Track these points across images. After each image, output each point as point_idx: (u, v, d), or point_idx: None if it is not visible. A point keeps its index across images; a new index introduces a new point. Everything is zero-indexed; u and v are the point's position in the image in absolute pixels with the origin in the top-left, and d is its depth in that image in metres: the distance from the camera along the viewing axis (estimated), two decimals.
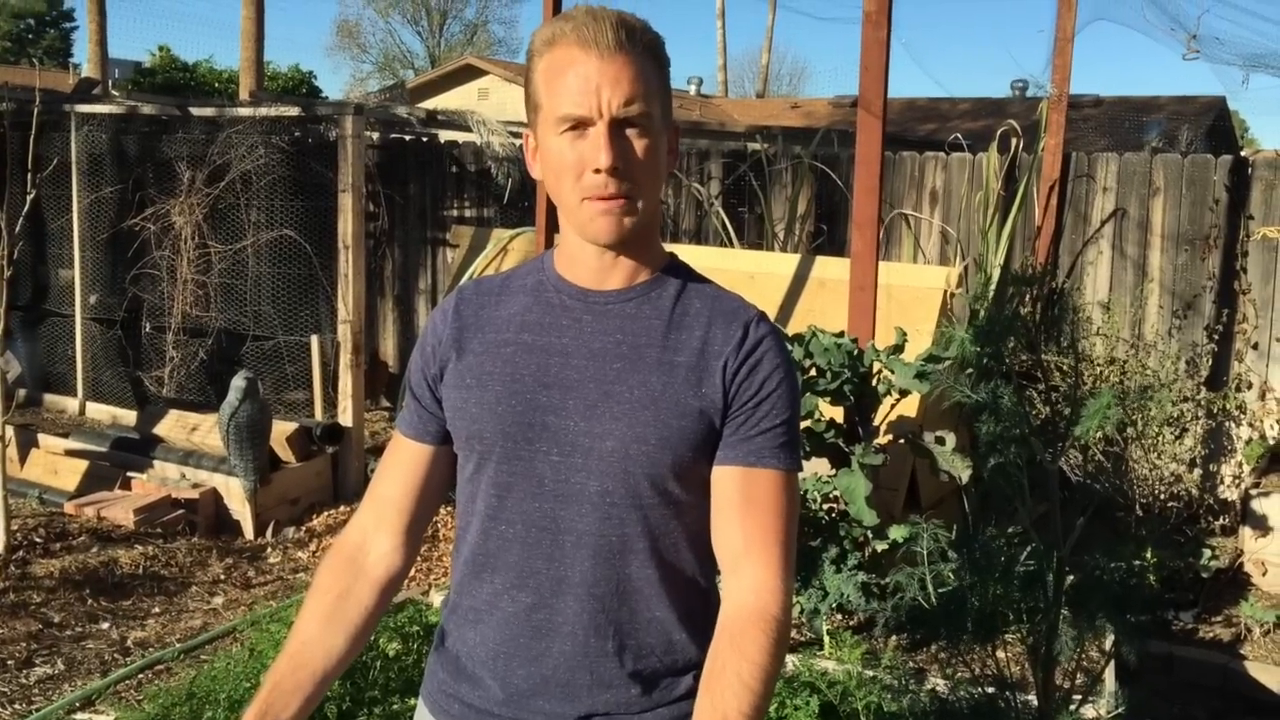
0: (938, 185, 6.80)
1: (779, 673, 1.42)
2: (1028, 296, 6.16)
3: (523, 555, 1.51)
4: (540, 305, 1.55)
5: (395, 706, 3.00)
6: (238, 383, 5.52)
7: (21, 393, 7.42)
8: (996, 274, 6.24)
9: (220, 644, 4.34)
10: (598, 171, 1.41)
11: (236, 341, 6.77)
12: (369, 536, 1.61)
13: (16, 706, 3.80)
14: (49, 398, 7.53)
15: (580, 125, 1.42)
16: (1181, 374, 6.00)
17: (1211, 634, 4.72)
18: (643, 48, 1.44)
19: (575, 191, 1.44)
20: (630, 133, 1.42)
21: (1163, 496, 5.66)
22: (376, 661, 3.08)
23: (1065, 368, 5.73)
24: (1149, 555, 4.75)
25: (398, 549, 1.61)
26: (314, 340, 6.48)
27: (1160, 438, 5.65)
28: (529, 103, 1.50)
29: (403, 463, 1.63)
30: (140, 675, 4.04)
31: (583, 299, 1.53)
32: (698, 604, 1.54)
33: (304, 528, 5.78)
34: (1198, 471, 5.83)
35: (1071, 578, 2.69)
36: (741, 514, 1.47)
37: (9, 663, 4.09)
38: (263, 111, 6.52)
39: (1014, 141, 6.55)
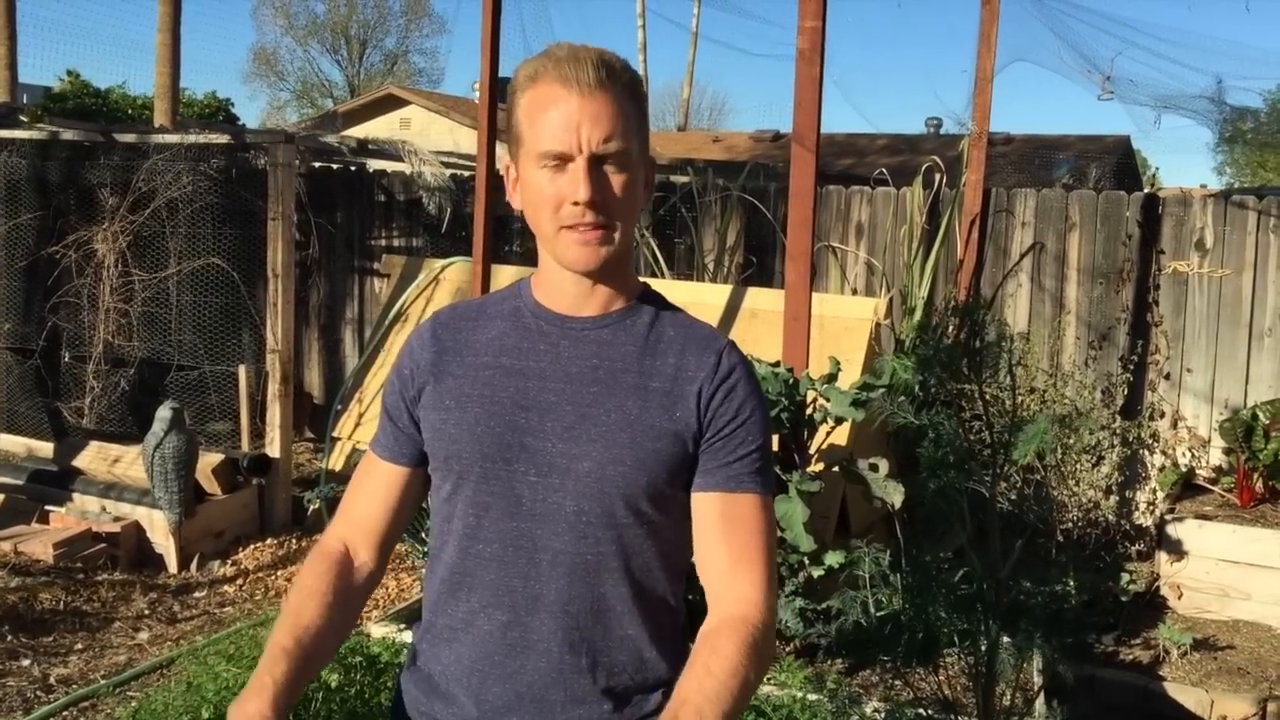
0: (863, 219, 6.95)
1: (757, 676, 1.46)
2: (950, 327, 6.31)
3: (499, 574, 1.55)
4: (518, 330, 1.59)
5: None
6: (163, 413, 5.42)
7: None
8: (921, 305, 6.39)
9: (149, 679, 4.24)
10: (576, 204, 1.47)
11: (160, 371, 6.64)
12: (350, 547, 1.64)
13: None
14: None
15: (561, 160, 1.47)
16: (1098, 403, 6.19)
17: (1131, 656, 4.86)
18: (622, 86, 1.50)
19: (554, 222, 1.50)
20: (608, 168, 1.48)
21: (1081, 522, 5.82)
22: (318, 693, 3.04)
23: (989, 396, 5.88)
24: (1071, 580, 4.89)
25: (374, 560, 1.65)
26: (241, 370, 6.39)
27: (1078, 465, 5.83)
28: (511, 135, 1.55)
29: (377, 483, 1.66)
30: (66, 712, 3.93)
31: (560, 325, 1.57)
32: (668, 622, 1.59)
33: (230, 561, 5.67)
34: (1114, 498, 6.01)
35: (1036, 604, 2.77)
36: (725, 536, 1.53)
37: None
38: (190, 139, 6.44)
39: (938, 177, 6.73)
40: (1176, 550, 5.36)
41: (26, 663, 4.36)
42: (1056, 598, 3.09)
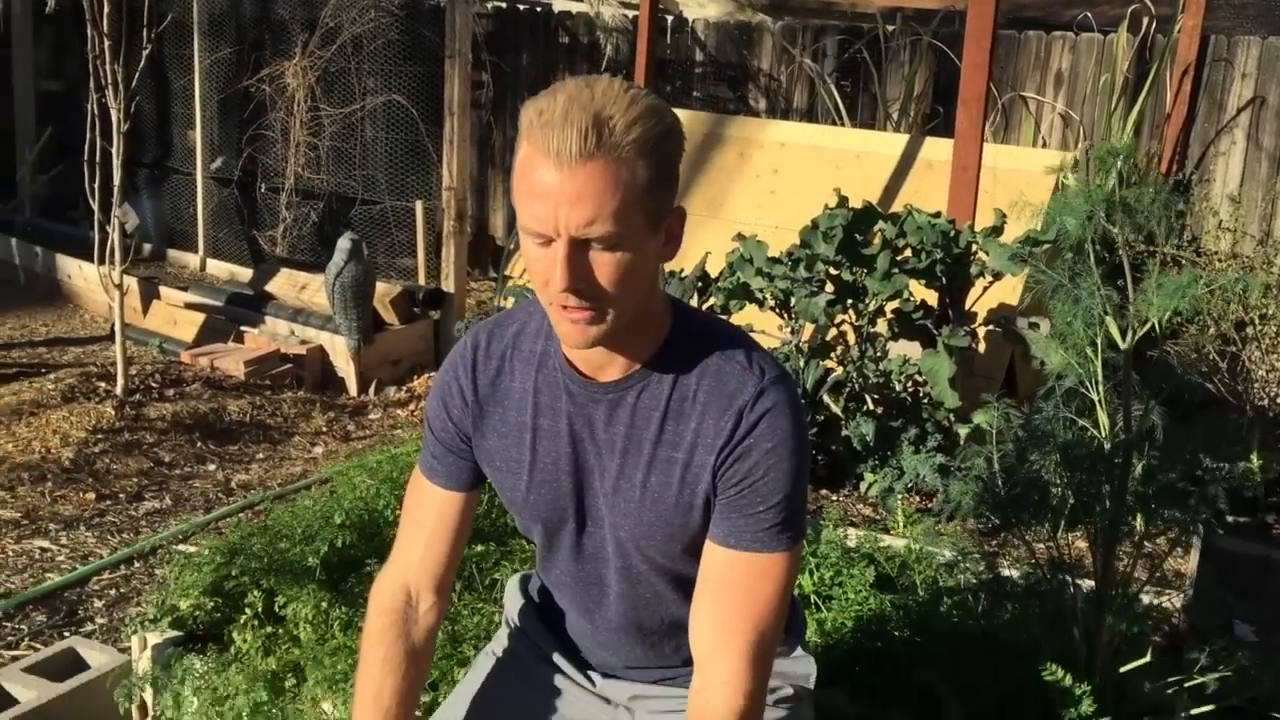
0: (1063, 67, 6.49)
1: None
2: (1149, 182, 5.89)
3: (574, 597, 1.68)
4: (549, 386, 1.55)
5: None
6: (343, 244, 5.65)
7: (148, 247, 7.71)
8: (1119, 161, 5.97)
9: (312, 491, 4.54)
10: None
11: (346, 204, 6.91)
12: (412, 592, 1.63)
13: (125, 535, 4.07)
14: (173, 253, 7.82)
15: (543, 239, 1.35)
16: None
17: None
18: (623, 149, 1.31)
19: (545, 295, 1.40)
20: (594, 249, 1.34)
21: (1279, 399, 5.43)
22: None
23: (1184, 261, 5.50)
24: (1255, 458, 4.60)
25: (439, 600, 1.64)
26: (418, 206, 6.57)
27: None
28: None
29: (440, 516, 1.64)
30: (240, 515, 4.26)
31: (584, 386, 1.52)
32: None
33: (405, 388, 5.94)
34: None
35: (1172, 475, 2.63)
36: (715, 595, 1.49)
37: (121, 496, 4.36)
38: None
39: (1145, 21, 6.19)
40: None
41: (212, 468, 4.73)
42: (1230, 473, 2.90)
